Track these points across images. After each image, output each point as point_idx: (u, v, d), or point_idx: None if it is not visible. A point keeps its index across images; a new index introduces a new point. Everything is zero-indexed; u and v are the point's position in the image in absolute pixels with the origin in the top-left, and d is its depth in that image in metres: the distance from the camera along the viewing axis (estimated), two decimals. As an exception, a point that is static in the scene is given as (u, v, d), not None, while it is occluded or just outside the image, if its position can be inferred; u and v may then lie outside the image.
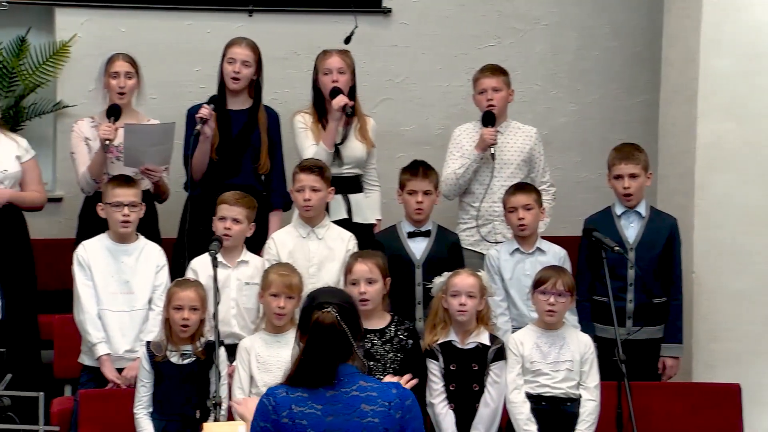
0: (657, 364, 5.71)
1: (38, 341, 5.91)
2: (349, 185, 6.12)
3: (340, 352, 3.58)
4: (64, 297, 5.65)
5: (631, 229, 5.78)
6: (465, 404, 5.17)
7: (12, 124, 6.51)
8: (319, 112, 6.10)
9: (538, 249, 5.75)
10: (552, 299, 5.19)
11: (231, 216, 5.49)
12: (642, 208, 5.81)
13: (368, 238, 5.92)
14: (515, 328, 5.55)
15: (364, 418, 3.55)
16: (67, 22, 6.83)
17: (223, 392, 4.99)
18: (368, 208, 6.17)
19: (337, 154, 6.06)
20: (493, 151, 6.04)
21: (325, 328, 3.57)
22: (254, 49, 6.05)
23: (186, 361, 5.09)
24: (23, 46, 6.81)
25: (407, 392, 3.67)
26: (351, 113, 5.99)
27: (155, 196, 5.95)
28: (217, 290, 4.95)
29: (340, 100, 5.93)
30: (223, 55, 6.03)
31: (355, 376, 3.60)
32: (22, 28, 6.84)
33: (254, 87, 6.10)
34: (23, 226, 5.91)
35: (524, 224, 5.69)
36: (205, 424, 4.54)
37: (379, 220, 6.24)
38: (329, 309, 3.58)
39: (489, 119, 6.09)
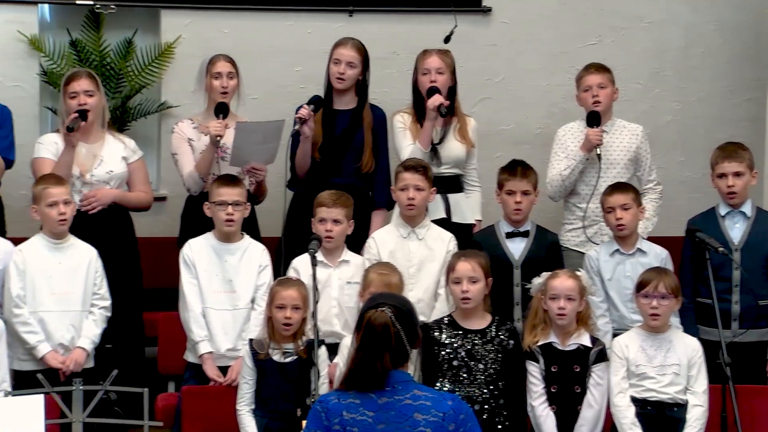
0: (765, 367, 5.59)
1: (143, 338, 6.00)
2: (449, 185, 6.11)
3: (394, 356, 3.53)
4: (167, 294, 5.74)
5: (736, 230, 5.67)
6: (566, 406, 5.12)
7: (119, 124, 6.64)
8: (418, 112, 6.10)
9: (639, 250, 5.67)
10: (655, 302, 5.12)
11: (330, 218, 5.52)
12: (747, 208, 5.70)
13: (467, 238, 5.90)
14: (615, 330, 5.49)
15: (415, 428, 3.49)
16: (172, 24, 6.94)
17: (324, 391, 5.02)
18: (468, 208, 6.15)
19: (435, 154, 6.05)
20: (598, 152, 5.97)
21: (377, 328, 3.52)
22: (360, 49, 6.07)
23: (288, 360, 5.13)
24: (130, 48, 6.94)
25: (464, 405, 3.61)
26: (445, 113, 5.97)
27: (253, 196, 6.00)
28: (316, 289, 4.98)
29: (435, 100, 5.92)
30: (330, 56, 6.07)
31: (409, 384, 3.55)
32: (129, 30, 6.97)
33: (360, 87, 6.12)
34: (129, 225, 6.00)
35: (623, 224, 5.61)
36: (305, 423, 4.58)
37: (479, 220, 6.21)
38: (384, 309, 3.54)
39: (594, 119, 6.02)
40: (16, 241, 5.52)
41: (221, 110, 5.88)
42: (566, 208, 6.16)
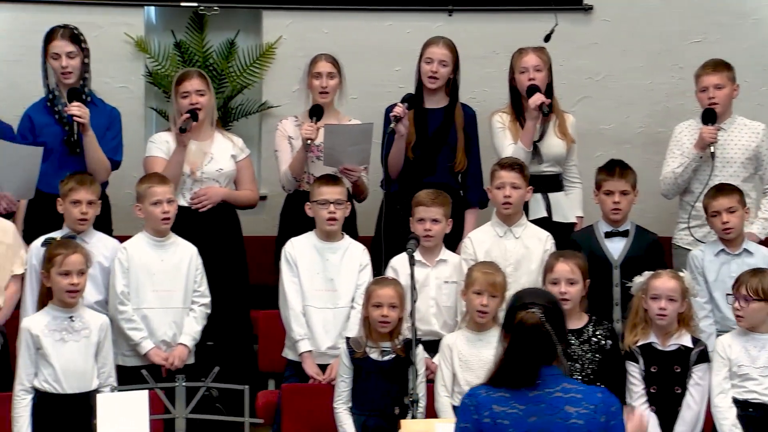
0: None
1: (250, 335, 6.06)
2: (549, 183, 6.07)
3: (544, 354, 3.54)
4: (267, 292, 5.80)
5: None
6: (666, 407, 5.06)
7: (221, 124, 6.73)
8: (517, 111, 6.07)
9: (745, 250, 5.57)
10: (737, 304, 5.03)
11: (429, 217, 5.52)
12: None
13: (567, 237, 5.86)
14: (719, 332, 5.40)
15: (567, 420, 3.51)
16: (274, 25, 7.00)
17: (421, 390, 5.03)
18: (568, 206, 6.11)
19: (535, 152, 6.02)
20: (713, 150, 5.87)
21: (528, 329, 3.53)
22: (452, 48, 6.07)
23: (385, 358, 5.15)
24: (232, 48, 7.03)
25: (613, 397, 3.60)
26: (548, 112, 5.93)
27: (353, 195, 6.04)
28: (414, 288, 4.99)
29: (537, 99, 5.89)
30: (421, 55, 6.07)
31: (558, 378, 3.55)
32: (231, 31, 7.06)
33: (451, 85, 6.12)
34: (237, 223, 6.08)
35: (729, 228, 5.51)
36: (402, 421, 4.60)
37: (581, 217, 6.16)
38: (534, 309, 3.55)
39: (709, 117, 5.92)
40: (122, 239, 5.63)
41: (315, 112, 5.93)
42: (681, 206, 6.07)
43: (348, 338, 5.25)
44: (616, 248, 5.63)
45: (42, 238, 5.40)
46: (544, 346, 3.54)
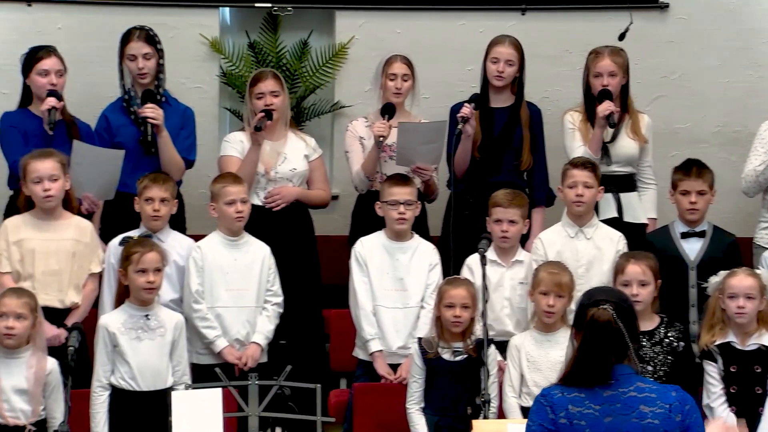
0: None
1: (322, 335, 6.09)
2: (621, 184, 6.01)
3: (616, 352, 3.51)
4: (339, 291, 5.82)
5: None
6: (747, 408, 5.00)
7: (294, 124, 6.77)
8: (589, 112, 6.01)
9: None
10: None
11: (507, 218, 5.50)
12: None
13: (640, 238, 5.80)
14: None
15: (643, 419, 3.48)
16: (347, 25, 7.01)
17: (493, 390, 5.01)
18: (640, 207, 6.04)
19: (605, 153, 5.96)
20: None
21: (600, 326, 3.50)
22: (517, 47, 6.04)
23: (457, 358, 5.14)
24: (305, 49, 7.05)
25: (687, 396, 3.57)
26: (614, 124, 5.88)
27: (423, 195, 6.03)
28: (485, 288, 4.97)
29: (605, 108, 5.82)
30: (487, 54, 6.05)
31: (632, 377, 3.52)
32: (304, 31, 7.08)
33: (517, 84, 6.08)
34: (309, 223, 6.11)
35: None
36: (475, 422, 4.59)
37: (654, 219, 6.09)
38: (605, 306, 3.52)
39: None
40: (196, 238, 5.68)
41: (387, 111, 5.94)
42: (763, 204, 5.99)
43: (420, 338, 5.24)
44: (692, 249, 5.57)
45: (120, 237, 5.49)
46: (616, 343, 3.51)
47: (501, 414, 5.09)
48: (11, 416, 4.86)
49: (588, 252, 5.52)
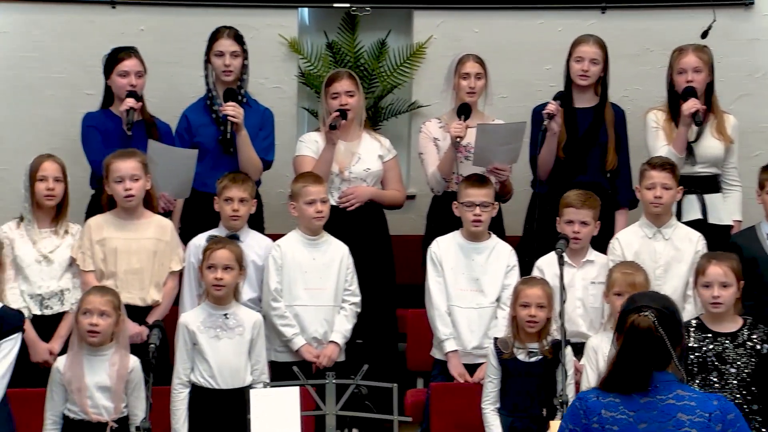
0: None
1: (396, 334, 6.10)
2: (705, 185, 5.93)
3: (656, 359, 3.44)
4: (414, 291, 5.82)
5: None
6: None
7: (371, 124, 6.78)
8: (673, 111, 5.94)
9: None
10: None
11: (579, 219, 5.46)
12: None
13: (724, 239, 5.71)
14: None
15: (680, 428, 3.40)
16: (424, 24, 7.01)
17: (570, 391, 4.97)
18: (724, 209, 5.95)
19: (690, 153, 5.89)
20: None
21: (640, 333, 3.44)
22: (602, 46, 5.98)
23: (533, 359, 5.12)
24: (383, 48, 7.07)
25: (730, 405, 3.48)
26: (700, 122, 5.79)
27: (498, 195, 5.99)
28: (563, 289, 4.94)
29: (691, 106, 5.74)
30: (570, 53, 6.00)
31: (672, 384, 3.45)
32: (382, 31, 7.10)
33: (601, 84, 6.03)
34: (384, 223, 6.12)
35: None
36: (552, 423, 4.56)
37: (738, 221, 5.99)
38: (647, 313, 3.45)
39: None
40: (274, 238, 5.73)
41: (463, 111, 5.92)
42: None
43: (496, 339, 5.23)
44: None
45: (203, 235, 5.55)
46: (656, 350, 3.43)
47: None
48: (94, 413, 4.94)
49: (666, 253, 5.45)
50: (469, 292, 5.52)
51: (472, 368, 5.47)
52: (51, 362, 5.19)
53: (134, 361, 5.02)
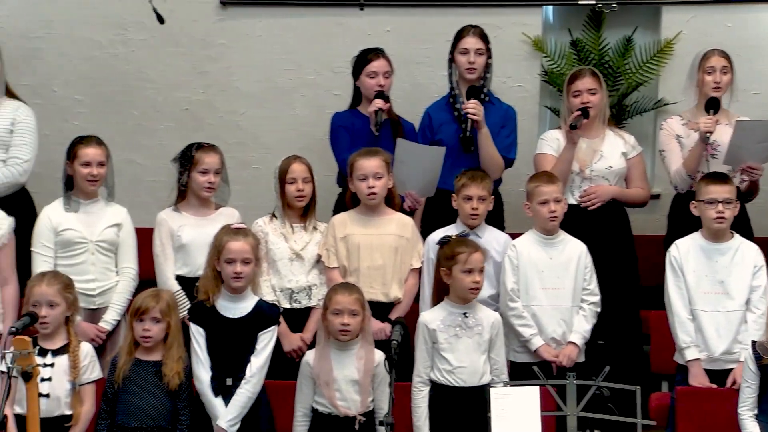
0: None
1: (641, 336, 5.99)
2: None
3: None
4: (658, 293, 5.67)
5: None
6: None
7: (615, 121, 6.67)
8: None
9: None
10: None
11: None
12: None
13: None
14: None
15: None
16: (673, 20, 6.88)
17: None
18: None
19: None
20: None
21: None
22: None
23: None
24: (629, 45, 6.96)
25: None
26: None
27: (742, 195, 5.77)
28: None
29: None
30: None
31: None
32: (628, 28, 7.00)
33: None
34: (626, 222, 6.03)
35: None
36: None
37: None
38: None
39: None
40: (514, 237, 5.72)
41: (712, 105, 5.75)
42: None
43: (754, 342, 5.05)
44: None
45: (440, 232, 5.59)
46: None
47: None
48: (343, 405, 5.07)
49: None
50: (714, 295, 5.36)
51: (720, 374, 5.30)
52: (304, 349, 5.40)
53: (380, 356, 5.12)
